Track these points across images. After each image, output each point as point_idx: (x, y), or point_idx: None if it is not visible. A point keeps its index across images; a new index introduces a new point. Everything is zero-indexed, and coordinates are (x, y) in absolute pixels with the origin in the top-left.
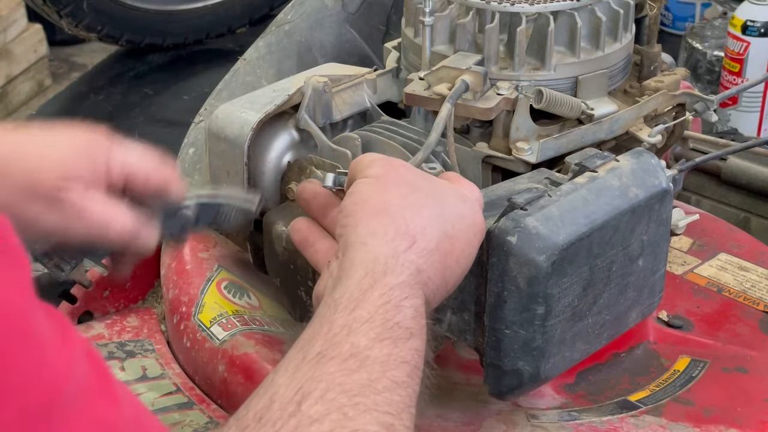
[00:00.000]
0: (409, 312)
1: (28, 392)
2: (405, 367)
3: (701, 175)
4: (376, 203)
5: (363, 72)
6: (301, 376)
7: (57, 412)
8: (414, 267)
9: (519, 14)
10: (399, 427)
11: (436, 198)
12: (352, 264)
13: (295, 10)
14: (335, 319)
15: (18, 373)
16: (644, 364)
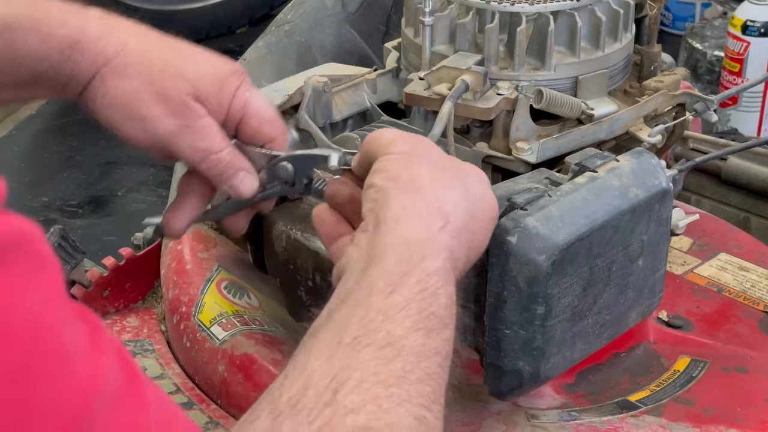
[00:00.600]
0: (444, 300)
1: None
2: (437, 358)
3: (701, 175)
4: (406, 179)
5: (363, 72)
6: (337, 363)
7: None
8: (448, 249)
9: (519, 14)
10: (431, 418)
11: (461, 177)
12: (386, 243)
13: (295, 10)
14: (371, 303)
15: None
16: (644, 364)
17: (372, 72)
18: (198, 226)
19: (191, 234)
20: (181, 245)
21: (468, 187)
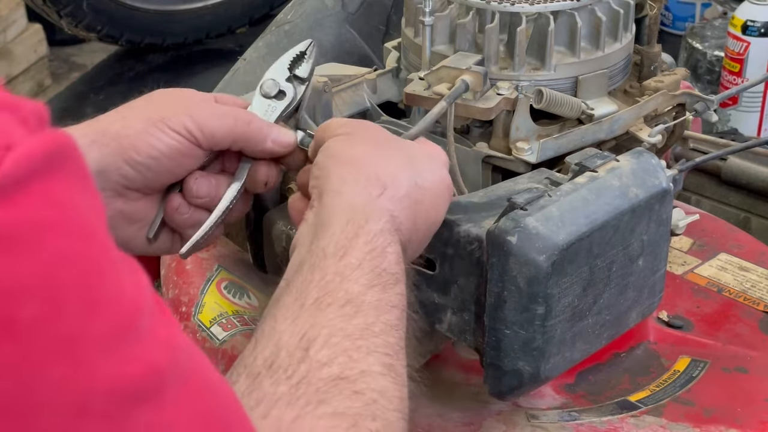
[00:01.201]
0: (393, 258)
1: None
2: (395, 311)
3: (701, 175)
4: (346, 155)
5: (363, 72)
6: (303, 323)
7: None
8: (388, 213)
9: (519, 14)
10: (398, 366)
11: (404, 152)
12: (331, 212)
13: (295, 10)
14: (326, 266)
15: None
16: (644, 364)
17: (372, 72)
18: None
19: None
20: None
21: (412, 160)
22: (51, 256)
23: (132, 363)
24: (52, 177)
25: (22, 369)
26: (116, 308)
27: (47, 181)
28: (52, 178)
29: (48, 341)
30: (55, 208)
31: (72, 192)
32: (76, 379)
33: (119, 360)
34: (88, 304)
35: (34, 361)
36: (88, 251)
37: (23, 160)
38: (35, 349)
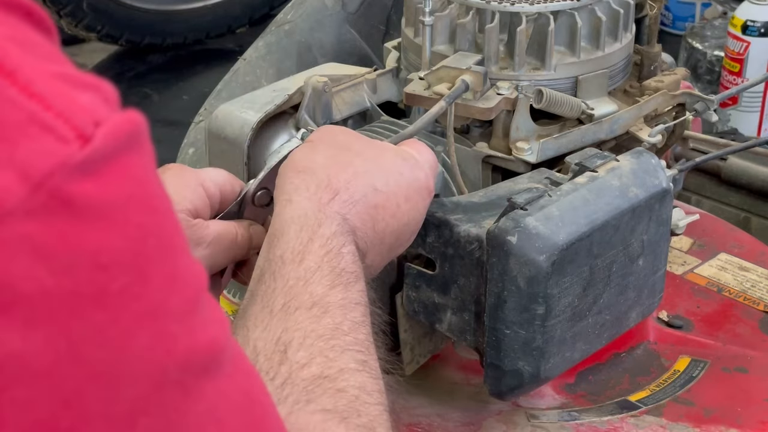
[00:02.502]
0: (349, 257)
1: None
2: (359, 308)
3: (701, 175)
4: (302, 164)
5: (363, 72)
6: (275, 328)
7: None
8: (339, 217)
9: (519, 14)
10: (371, 361)
11: (367, 156)
12: (283, 221)
13: (295, 10)
14: (287, 273)
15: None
16: (644, 364)
17: (372, 72)
18: None
19: None
20: None
21: (377, 164)
22: (136, 229)
23: (201, 335)
24: (133, 154)
25: (113, 338)
26: (190, 282)
27: (130, 157)
28: (134, 155)
29: (134, 311)
30: (138, 183)
31: (148, 170)
32: (157, 349)
33: (192, 332)
34: (169, 277)
35: (121, 330)
36: (166, 226)
37: (110, 136)
38: (123, 319)
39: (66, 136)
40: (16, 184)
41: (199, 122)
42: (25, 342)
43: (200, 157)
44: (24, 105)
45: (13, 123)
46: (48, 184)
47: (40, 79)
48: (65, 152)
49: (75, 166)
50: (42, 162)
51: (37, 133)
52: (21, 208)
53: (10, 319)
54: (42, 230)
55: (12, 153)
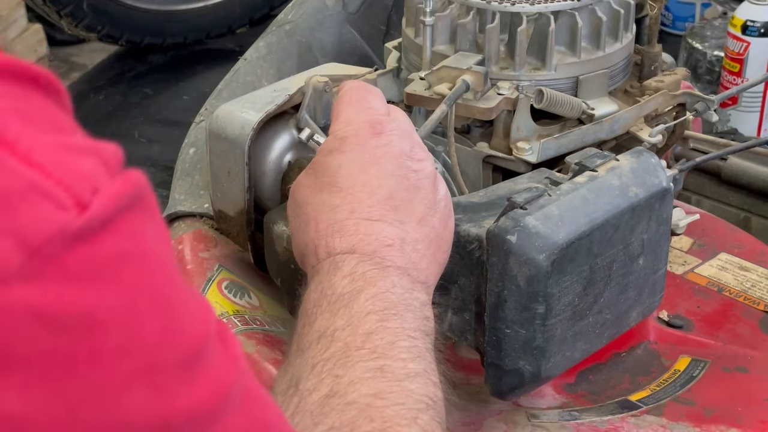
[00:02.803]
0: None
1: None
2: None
3: (701, 175)
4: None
5: (363, 72)
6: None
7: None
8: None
9: (520, 14)
10: (393, 364)
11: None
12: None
13: (295, 10)
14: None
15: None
16: (645, 363)
17: (372, 72)
18: (198, 226)
19: (192, 234)
20: (181, 245)
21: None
22: (131, 287)
23: (205, 386)
24: (131, 215)
25: (108, 396)
26: (189, 333)
27: (127, 219)
28: (132, 217)
29: (129, 368)
30: (134, 242)
31: (147, 228)
32: (155, 404)
33: (193, 382)
34: (164, 330)
35: (117, 387)
36: (163, 282)
37: (107, 203)
38: (118, 377)
39: (65, 204)
40: (14, 250)
41: (200, 122)
42: (24, 403)
43: (201, 157)
44: (24, 174)
45: (14, 191)
46: (45, 250)
47: (40, 149)
48: (64, 219)
49: (72, 233)
50: (40, 229)
51: (37, 201)
52: (19, 273)
53: (8, 381)
54: (39, 294)
55: (12, 220)
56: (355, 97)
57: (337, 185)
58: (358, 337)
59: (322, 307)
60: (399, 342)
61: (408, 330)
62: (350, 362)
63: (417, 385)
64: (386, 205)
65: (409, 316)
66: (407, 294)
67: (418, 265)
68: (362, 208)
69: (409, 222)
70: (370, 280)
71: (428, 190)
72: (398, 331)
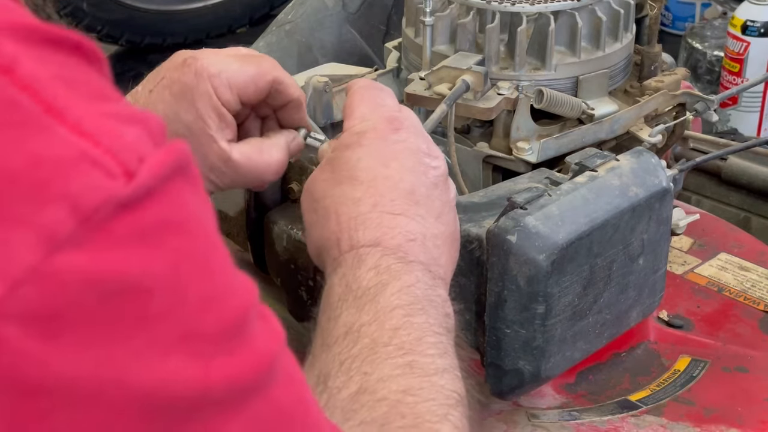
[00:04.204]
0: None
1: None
2: (396, 312)
3: (701, 175)
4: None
5: (363, 72)
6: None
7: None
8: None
9: (520, 14)
10: (420, 360)
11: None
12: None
13: (295, 10)
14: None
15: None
16: (645, 363)
17: (372, 72)
18: None
19: None
20: None
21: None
22: (175, 254)
23: (246, 357)
24: (175, 184)
25: (150, 361)
26: (230, 303)
27: (171, 188)
28: (176, 186)
29: (171, 334)
30: (178, 211)
31: (190, 197)
32: (193, 371)
33: (234, 354)
34: (206, 298)
35: (159, 353)
36: (205, 251)
37: (154, 171)
38: (160, 342)
39: (113, 172)
40: (66, 217)
41: None
42: (74, 368)
43: None
44: (74, 143)
45: (65, 159)
46: (95, 217)
47: (88, 117)
48: (112, 187)
49: (120, 201)
50: (91, 197)
51: (87, 169)
52: (71, 239)
53: (60, 347)
54: (89, 260)
55: (64, 187)
56: (367, 95)
57: (357, 178)
58: (385, 332)
59: (347, 301)
60: (426, 338)
61: (433, 326)
62: (378, 359)
63: (446, 380)
64: (408, 200)
65: (432, 311)
66: (430, 290)
67: (438, 261)
68: (385, 202)
69: (429, 218)
70: (395, 274)
71: (443, 188)
72: (424, 327)
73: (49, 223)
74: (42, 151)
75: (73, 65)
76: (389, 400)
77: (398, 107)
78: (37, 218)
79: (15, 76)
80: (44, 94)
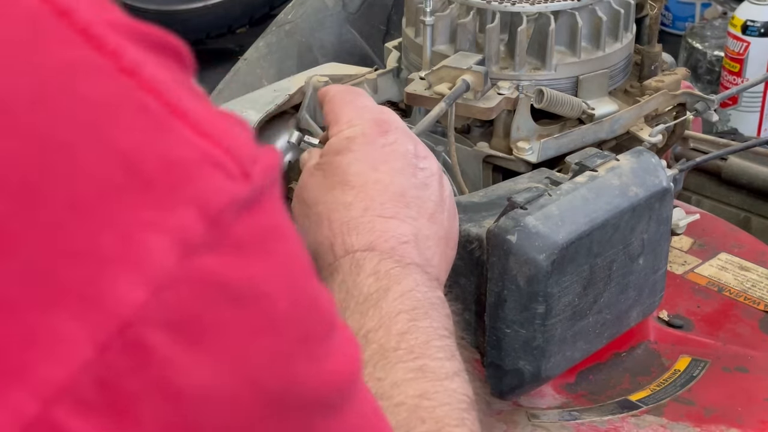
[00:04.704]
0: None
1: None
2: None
3: (701, 174)
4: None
5: (363, 72)
6: None
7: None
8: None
9: (520, 14)
10: (430, 364)
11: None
12: None
13: (295, 9)
14: None
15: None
16: (645, 363)
17: (372, 72)
18: None
19: None
20: None
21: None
22: (287, 257)
23: (345, 357)
24: (275, 187)
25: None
26: (326, 306)
27: (275, 190)
28: (276, 188)
29: (291, 337)
30: (281, 212)
31: (282, 199)
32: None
33: (335, 354)
34: (312, 300)
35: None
36: (302, 252)
37: (266, 172)
38: (285, 343)
39: (233, 173)
40: (197, 220)
41: None
42: (213, 376)
43: None
44: (198, 144)
45: (192, 161)
46: (222, 219)
47: (206, 118)
48: (234, 189)
49: (240, 202)
50: (216, 199)
51: (210, 171)
52: (203, 243)
53: (201, 351)
54: (218, 264)
55: (193, 190)
56: (348, 98)
57: (348, 183)
58: (392, 337)
59: (350, 308)
60: (433, 341)
61: (438, 329)
62: (389, 364)
63: (457, 384)
64: (399, 203)
65: (435, 314)
66: (430, 292)
67: (431, 262)
68: (375, 206)
69: (420, 219)
70: (394, 278)
71: (435, 188)
72: (430, 330)
73: (181, 226)
74: (171, 153)
75: (177, 68)
76: (407, 405)
77: (380, 109)
78: (171, 221)
79: (141, 79)
80: (168, 96)
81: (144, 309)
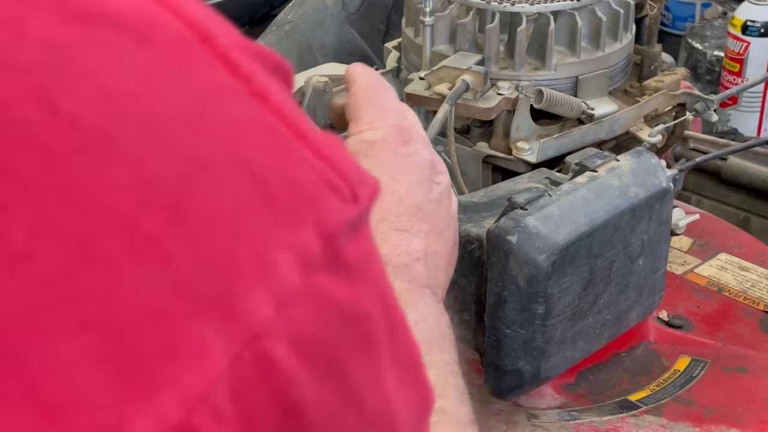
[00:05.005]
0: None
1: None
2: None
3: (701, 175)
4: None
5: None
6: None
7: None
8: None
9: (519, 14)
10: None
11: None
12: None
13: (295, 10)
14: None
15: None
16: (644, 363)
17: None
18: None
19: None
20: None
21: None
22: (380, 280)
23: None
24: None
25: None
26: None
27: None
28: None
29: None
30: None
31: None
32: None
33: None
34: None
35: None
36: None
37: (370, 197)
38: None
39: (346, 196)
40: (316, 240)
41: None
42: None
43: None
44: (318, 166)
45: (312, 182)
46: (337, 241)
47: (323, 141)
48: (345, 212)
49: (351, 225)
50: (332, 220)
51: (327, 193)
52: (320, 262)
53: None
54: (334, 283)
55: (313, 211)
56: (372, 95)
57: None
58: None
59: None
60: (449, 378)
61: (451, 364)
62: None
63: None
64: (413, 216)
65: (446, 345)
66: (440, 317)
67: (438, 280)
68: (391, 217)
69: (431, 235)
70: (409, 303)
71: (446, 204)
72: (445, 368)
73: (303, 245)
74: (296, 174)
75: (286, 88)
76: None
77: (403, 112)
78: (295, 239)
79: (269, 103)
80: (290, 119)
81: (271, 323)
